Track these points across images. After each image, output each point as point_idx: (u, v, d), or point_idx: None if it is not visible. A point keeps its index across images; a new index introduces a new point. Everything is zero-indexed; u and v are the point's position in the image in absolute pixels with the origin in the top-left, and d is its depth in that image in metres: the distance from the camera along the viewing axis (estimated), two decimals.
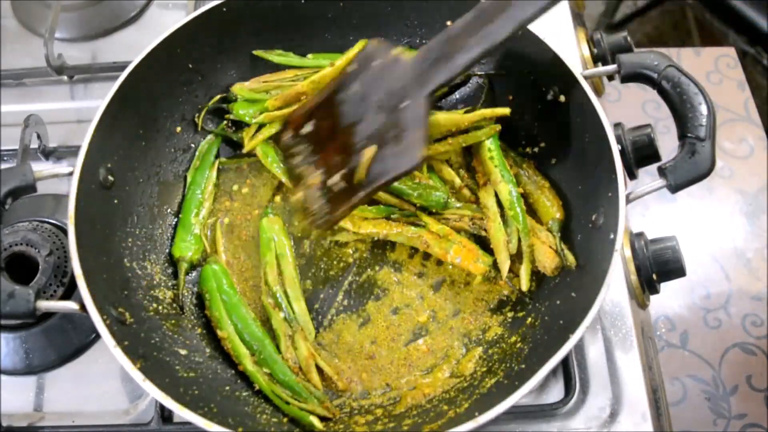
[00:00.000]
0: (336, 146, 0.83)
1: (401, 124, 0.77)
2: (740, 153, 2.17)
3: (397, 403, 0.84)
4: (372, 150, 0.79)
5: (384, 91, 0.80)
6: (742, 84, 2.26)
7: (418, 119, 0.76)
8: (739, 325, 1.91)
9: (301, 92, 0.98)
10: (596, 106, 0.85)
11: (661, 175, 0.84)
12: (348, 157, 0.82)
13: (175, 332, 0.86)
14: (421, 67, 0.77)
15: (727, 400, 1.80)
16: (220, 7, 0.97)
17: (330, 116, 0.85)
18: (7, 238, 0.93)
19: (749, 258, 2.00)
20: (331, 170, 0.84)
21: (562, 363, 0.82)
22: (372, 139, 0.80)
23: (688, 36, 2.39)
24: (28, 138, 1.00)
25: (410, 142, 0.76)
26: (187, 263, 0.93)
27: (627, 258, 0.89)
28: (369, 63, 0.83)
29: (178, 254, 0.93)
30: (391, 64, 0.81)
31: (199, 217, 0.96)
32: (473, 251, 0.90)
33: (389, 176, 0.79)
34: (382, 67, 0.81)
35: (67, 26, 1.22)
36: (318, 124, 0.86)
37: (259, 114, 1.00)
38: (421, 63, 0.78)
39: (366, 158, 0.79)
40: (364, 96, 0.82)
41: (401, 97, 0.78)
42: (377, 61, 0.82)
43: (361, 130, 0.81)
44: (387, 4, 1.02)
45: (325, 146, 0.85)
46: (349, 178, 0.81)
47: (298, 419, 0.80)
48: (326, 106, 0.86)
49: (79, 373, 0.92)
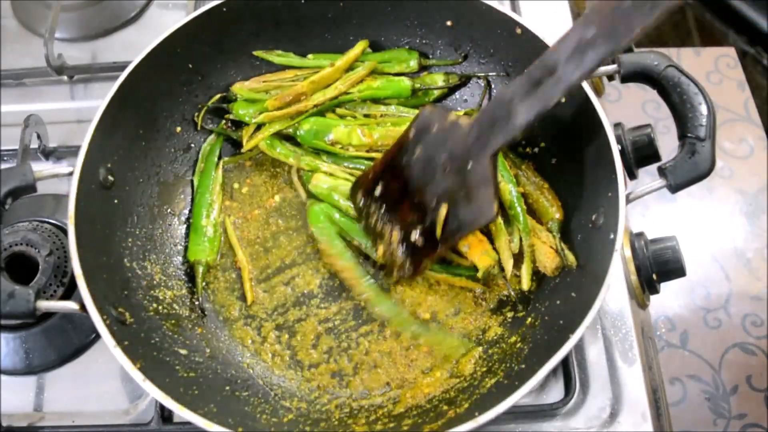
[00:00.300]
0: (409, 206, 0.89)
1: (470, 184, 0.82)
2: (740, 153, 2.17)
3: (397, 403, 0.84)
4: (444, 209, 0.84)
5: (447, 154, 0.84)
6: (742, 84, 2.27)
7: (486, 179, 0.80)
8: (739, 325, 1.91)
9: (301, 92, 0.99)
10: (596, 106, 0.85)
11: (661, 175, 0.84)
12: (423, 215, 0.87)
13: (175, 332, 0.86)
14: (480, 131, 0.81)
15: (727, 400, 1.80)
16: (220, 7, 0.97)
17: (398, 179, 0.90)
18: (7, 238, 0.93)
19: (749, 258, 2.01)
20: (408, 227, 0.89)
21: (562, 363, 0.82)
22: (443, 198, 0.85)
23: (688, 36, 2.39)
24: (28, 138, 1.00)
25: (482, 200, 0.81)
26: (203, 266, 0.93)
27: (627, 258, 0.89)
28: (428, 128, 0.87)
29: (194, 258, 0.94)
30: (450, 128, 0.85)
31: (210, 218, 0.97)
32: (483, 242, 0.90)
33: (465, 231, 0.84)
34: (441, 131, 0.86)
35: (67, 26, 1.22)
36: (387, 186, 0.91)
37: (258, 114, 1.00)
38: (479, 127, 0.81)
39: (440, 217, 0.84)
40: (428, 159, 0.87)
41: (465, 160, 0.82)
42: (435, 126, 0.86)
43: (431, 190, 0.86)
44: (387, 4, 1.02)
45: (398, 206, 0.90)
46: (426, 234, 0.87)
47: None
48: (393, 170, 0.91)
49: (79, 373, 0.92)
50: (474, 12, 0.96)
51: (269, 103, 0.99)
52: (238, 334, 0.91)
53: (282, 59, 1.04)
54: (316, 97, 0.99)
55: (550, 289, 0.88)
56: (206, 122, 1.03)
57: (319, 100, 0.99)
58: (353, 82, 1.00)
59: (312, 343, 0.90)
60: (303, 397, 0.86)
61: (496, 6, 0.94)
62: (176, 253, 0.96)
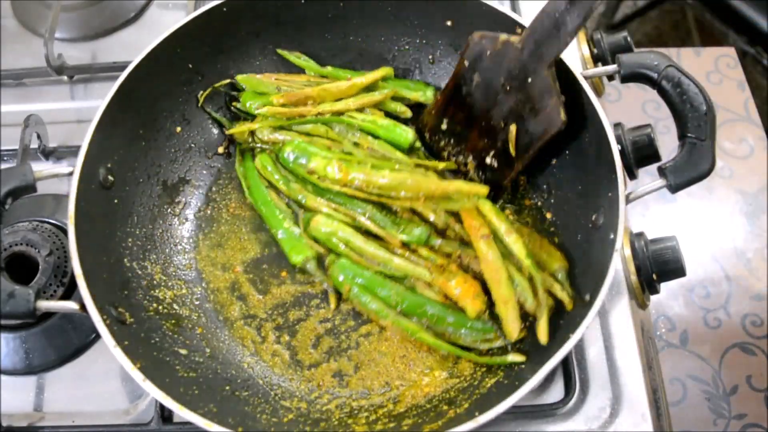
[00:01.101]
0: (477, 132, 0.92)
1: (533, 97, 0.85)
2: (740, 153, 2.17)
3: (397, 402, 0.84)
4: (514, 127, 0.87)
5: (505, 74, 0.87)
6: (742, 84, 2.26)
7: (548, 89, 0.83)
8: (739, 325, 1.91)
9: (310, 96, 0.99)
10: (596, 106, 0.85)
11: (661, 175, 0.84)
12: (494, 138, 0.90)
13: (175, 332, 0.86)
14: (534, 45, 0.83)
15: (727, 400, 1.80)
16: (220, 7, 0.97)
17: (462, 109, 0.94)
18: (7, 238, 0.93)
19: (749, 258, 2.01)
20: (481, 153, 0.93)
21: (562, 363, 0.82)
22: (510, 118, 0.88)
23: (688, 36, 2.39)
24: (28, 138, 1.00)
25: (549, 110, 0.83)
26: (314, 260, 0.93)
27: (627, 258, 0.89)
28: (481, 55, 0.89)
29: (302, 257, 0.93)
30: (503, 50, 0.87)
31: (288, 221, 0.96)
32: (474, 286, 0.86)
33: (537, 144, 0.86)
34: (494, 54, 0.88)
35: (67, 26, 1.22)
36: (453, 119, 0.95)
37: (263, 106, 1.00)
38: (532, 41, 0.84)
39: (512, 135, 0.88)
40: (487, 83, 0.89)
41: (524, 76, 0.85)
42: (488, 51, 0.89)
43: (497, 112, 0.89)
44: (387, 4, 1.02)
45: (467, 135, 0.94)
46: (501, 156, 0.90)
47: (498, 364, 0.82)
48: (455, 102, 0.94)
49: (79, 373, 0.92)
50: (474, 12, 0.96)
51: (275, 97, 0.99)
52: (238, 334, 0.91)
53: (303, 63, 1.05)
54: (323, 106, 0.99)
55: None
56: (207, 104, 1.03)
57: (325, 109, 0.99)
58: (366, 103, 1.00)
59: (312, 343, 0.90)
60: (303, 397, 0.86)
61: (496, 6, 0.94)
62: (176, 253, 0.96)
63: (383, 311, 0.88)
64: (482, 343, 0.85)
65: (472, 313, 0.84)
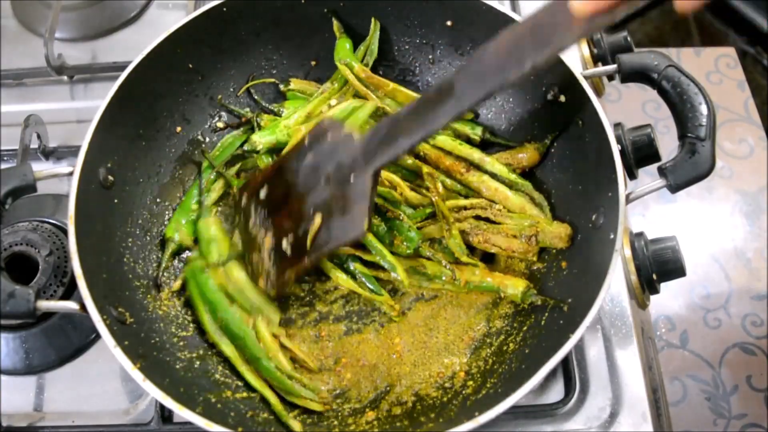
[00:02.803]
0: (287, 213, 0.87)
1: (348, 196, 0.81)
2: (740, 153, 2.17)
3: (398, 402, 0.84)
4: (318, 219, 0.83)
5: (335, 164, 0.84)
6: (742, 84, 2.27)
7: (364, 194, 0.80)
8: (739, 325, 1.91)
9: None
10: (596, 106, 0.85)
11: (661, 175, 0.84)
12: (298, 224, 0.86)
13: (175, 332, 0.86)
14: (369, 146, 0.81)
15: (727, 400, 1.80)
16: (220, 7, 0.97)
17: (284, 184, 0.88)
18: (7, 238, 0.93)
19: (749, 258, 2.01)
20: (281, 235, 0.87)
21: (562, 363, 0.82)
22: (320, 209, 0.84)
23: (688, 36, 2.40)
24: (28, 138, 1.00)
25: (355, 215, 0.81)
26: (175, 244, 0.93)
27: (627, 258, 0.89)
28: (323, 137, 0.86)
29: (170, 234, 0.94)
30: (343, 140, 0.84)
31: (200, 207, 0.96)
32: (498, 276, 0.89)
33: (333, 245, 0.83)
34: (334, 141, 0.85)
35: (67, 26, 1.22)
36: (272, 190, 0.90)
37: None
38: (369, 142, 0.81)
39: (314, 227, 0.83)
40: (315, 167, 0.86)
41: (349, 172, 0.82)
42: (330, 135, 0.86)
43: (311, 199, 0.85)
44: (387, 4, 1.02)
45: (277, 212, 0.89)
46: (296, 244, 0.85)
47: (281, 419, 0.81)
48: (281, 174, 0.89)
49: (79, 373, 0.92)
50: (474, 12, 0.96)
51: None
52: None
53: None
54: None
55: (551, 290, 0.88)
56: (230, 101, 1.04)
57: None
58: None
59: (312, 343, 0.90)
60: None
61: (496, 6, 0.94)
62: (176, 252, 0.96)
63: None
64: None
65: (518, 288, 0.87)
